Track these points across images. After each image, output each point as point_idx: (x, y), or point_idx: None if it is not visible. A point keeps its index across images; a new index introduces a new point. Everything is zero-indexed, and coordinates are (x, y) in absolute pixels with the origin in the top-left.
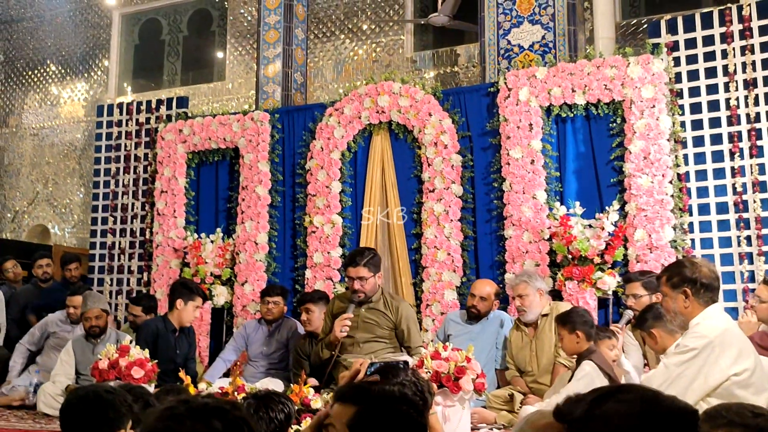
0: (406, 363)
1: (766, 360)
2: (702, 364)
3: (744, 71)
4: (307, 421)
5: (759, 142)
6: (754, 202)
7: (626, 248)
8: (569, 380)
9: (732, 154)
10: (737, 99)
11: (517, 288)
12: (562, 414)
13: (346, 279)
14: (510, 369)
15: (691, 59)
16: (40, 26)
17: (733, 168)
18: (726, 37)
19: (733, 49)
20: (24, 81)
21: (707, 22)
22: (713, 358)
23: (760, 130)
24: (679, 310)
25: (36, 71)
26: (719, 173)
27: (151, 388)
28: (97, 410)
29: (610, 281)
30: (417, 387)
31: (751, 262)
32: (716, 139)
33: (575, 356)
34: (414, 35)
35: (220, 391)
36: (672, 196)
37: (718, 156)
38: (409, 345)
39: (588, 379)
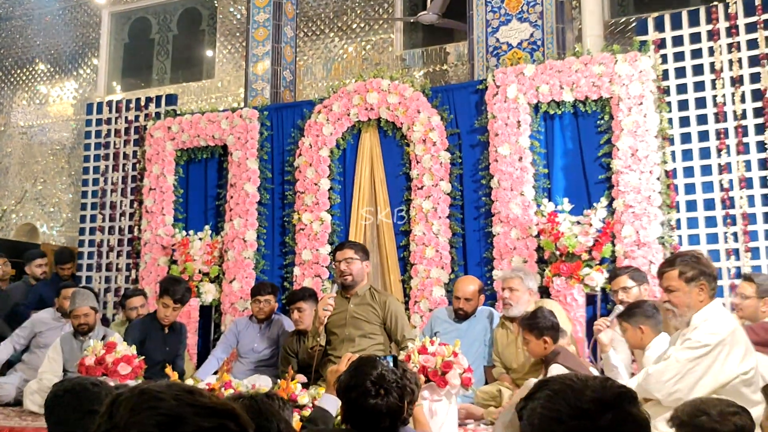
0: (395, 357)
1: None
2: (713, 361)
3: (730, 69)
4: (294, 417)
5: (745, 139)
6: (741, 198)
7: (614, 245)
8: None
9: (719, 151)
10: (724, 96)
11: (510, 281)
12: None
13: (334, 266)
14: (497, 366)
15: (679, 57)
16: (29, 25)
17: (719, 165)
18: (713, 35)
19: (720, 46)
20: (12, 79)
21: (694, 20)
22: (724, 356)
23: (746, 127)
24: (693, 305)
25: (25, 70)
26: (706, 170)
27: None
28: (83, 402)
29: (597, 277)
30: (396, 375)
31: (738, 258)
32: (703, 136)
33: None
34: (403, 33)
35: (207, 387)
36: (659, 192)
37: (705, 153)
38: (398, 338)
39: None
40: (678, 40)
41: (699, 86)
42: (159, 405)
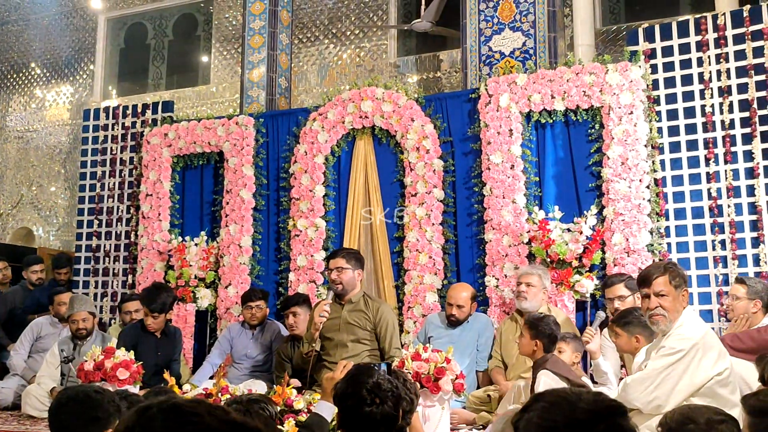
0: (389, 364)
1: (734, 361)
2: (687, 365)
3: (719, 79)
4: (290, 422)
5: (733, 149)
6: (729, 207)
7: (604, 252)
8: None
9: (707, 160)
10: (712, 106)
11: (528, 277)
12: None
13: (327, 274)
14: (494, 359)
15: (668, 67)
16: (25, 29)
17: (708, 173)
18: (701, 46)
19: (709, 57)
20: (9, 84)
21: (683, 31)
22: (697, 359)
23: (734, 136)
24: (678, 310)
25: (21, 74)
26: (695, 178)
27: (136, 389)
28: (86, 410)
29: (588, 284)
30: (392, 384)
31: (725, 266)
32: (692, 145)
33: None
34: (397, 40)
35: (204, 393)
36: (649, 200)
37: (693, 162)
38: (384, 346)
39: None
40: (668, 51)
41: (688, 96)
42: (198, 421)
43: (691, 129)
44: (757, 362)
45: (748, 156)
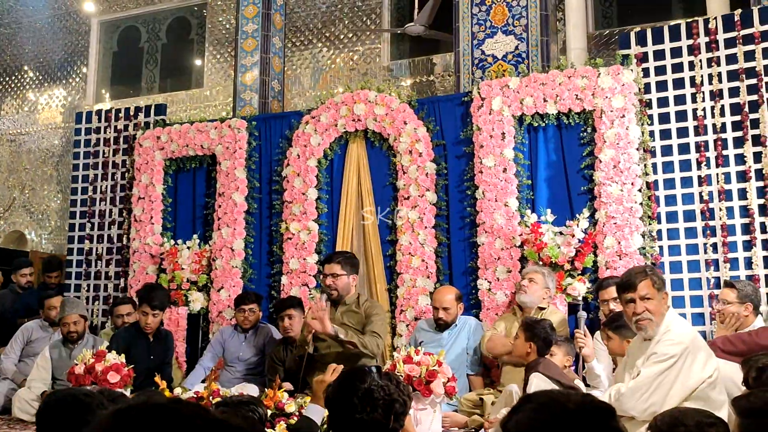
0: (378, 368)
1: (723, 363)
2: (680, 369)
3: (710, 83)
4: (281, 425)
5: (725, 152)
6: (720, 210)
7: (596, 255)
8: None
9: (699, 164)
10: (704, 110)
11: (532, 273)
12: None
13: (321, 278)
14: (497, 329)
15: (660, 70)
16: (18, 32)
17: (699, 177)
18: (693, 49)
19: (700, 61)
20: (1, 86)
21: (675, 35)
22: (689, 363)
23: (725, 140)
24: (663, 313)
25: (14, 77)
26: (686, 182)
27: (127, 393)
28: (74, 413)
29: (580, 287)
30: (385, 391)
31: (717, 269)
32: (684, 148)
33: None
34: (391, 44)
35: (195, 396)
36: (641, 204)
37: (685, 165)
38: (365, 330)
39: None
40: (659, 54)
41: (680, 100)
42: (178, 419)
43: (682, 132)
44: (743, 365)
45: (740, 159)
